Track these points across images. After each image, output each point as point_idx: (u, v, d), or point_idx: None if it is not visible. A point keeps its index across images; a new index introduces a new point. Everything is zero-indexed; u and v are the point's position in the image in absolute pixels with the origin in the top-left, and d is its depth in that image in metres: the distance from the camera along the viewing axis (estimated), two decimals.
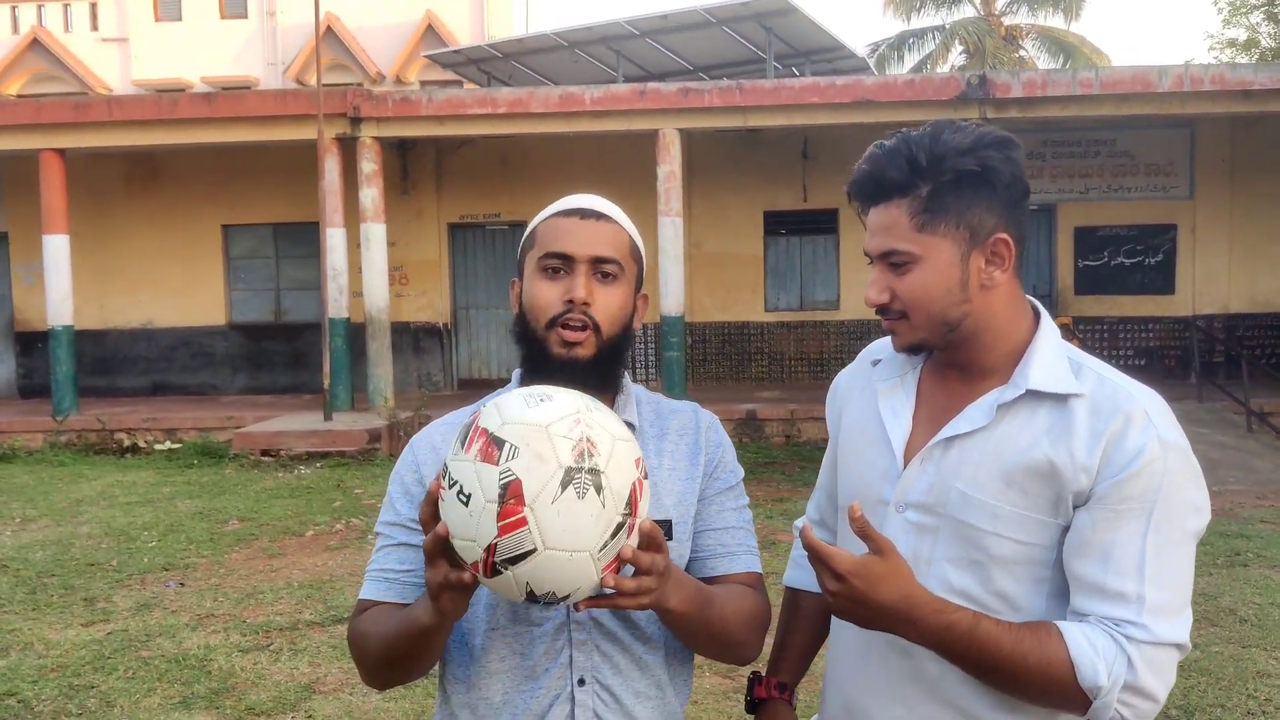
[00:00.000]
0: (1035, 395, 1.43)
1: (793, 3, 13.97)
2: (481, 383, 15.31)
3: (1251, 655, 4.90)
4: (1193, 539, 1.40)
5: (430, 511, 1.28)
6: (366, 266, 12.92)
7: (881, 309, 1.49)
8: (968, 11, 28.58)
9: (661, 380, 12.84)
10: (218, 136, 13.12)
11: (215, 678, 4.83)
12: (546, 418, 1.23)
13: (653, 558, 1.29)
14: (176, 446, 12.11)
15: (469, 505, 1.21)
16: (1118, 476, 1.36)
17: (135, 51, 27.26)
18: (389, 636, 1.45)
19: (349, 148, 13.00)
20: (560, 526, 1.19)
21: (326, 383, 12.49)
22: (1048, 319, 1.51)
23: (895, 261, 1.45)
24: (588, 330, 1.52)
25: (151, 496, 9.46)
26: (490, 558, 1.21)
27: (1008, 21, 28.53)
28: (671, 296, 12.54)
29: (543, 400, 1.26)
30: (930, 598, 1.37)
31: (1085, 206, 14.53)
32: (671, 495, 1.57)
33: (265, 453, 11.41)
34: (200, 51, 26.78)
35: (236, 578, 6.61)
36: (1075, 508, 1.40)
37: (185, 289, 15.62)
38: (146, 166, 15.38)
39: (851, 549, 1.40)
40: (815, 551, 1.36)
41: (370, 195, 12.87)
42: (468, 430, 1.27)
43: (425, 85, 24.34)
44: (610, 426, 1.26)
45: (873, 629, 1.40)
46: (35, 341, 15.51)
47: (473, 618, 1.53)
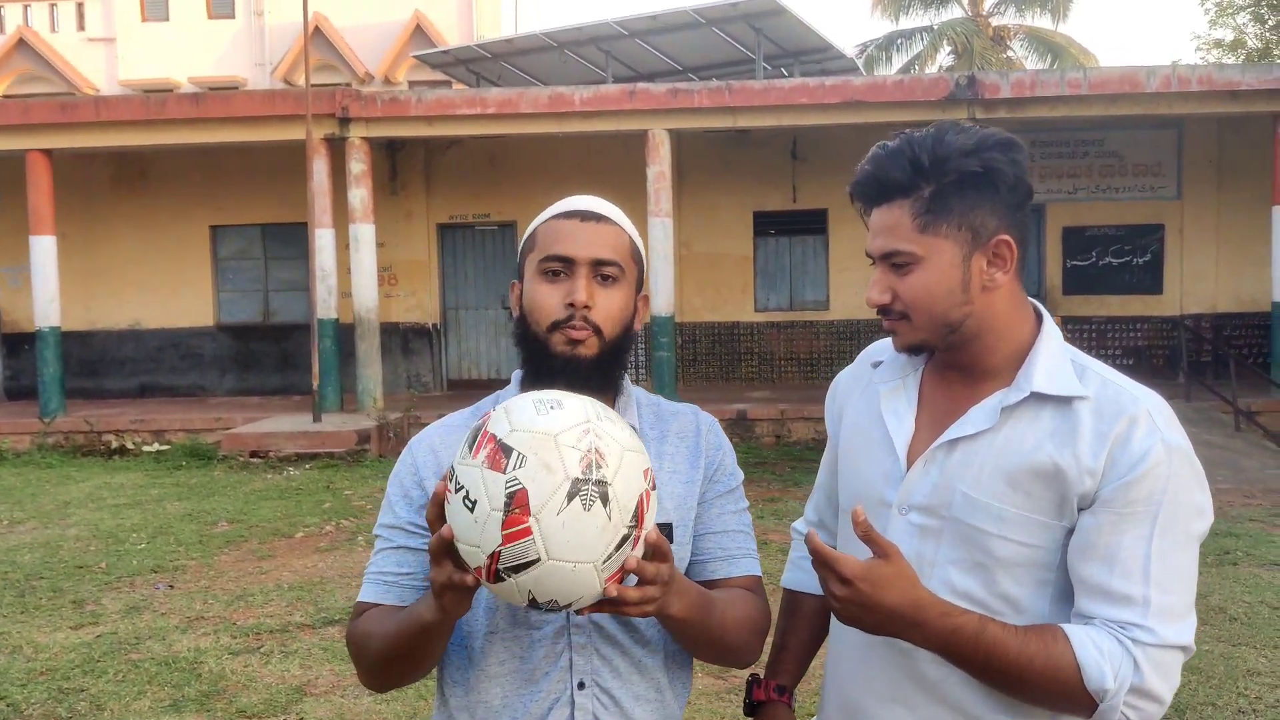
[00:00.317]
0: (1039, 398, 1.43)
1: (782, 3, 14.00)
2: (471, 383, 15.27)
3: (1241, 653, 4.92)
4: (1196, 541, 1.40)
5: (436, 512, 1.28)
6: (355, 267, 12.88)
7: (883, 310, 1.49)
8: (956, 12, 28.65)
9: (652, 380, 12.83)
10: (206, 137, 13.06)
11: (205, 680, 4.81)
12: (555, 426, 1.22)
13: (657, 568, 1.29)
14: (165, 448, 12.04)
15: (474, 511, 1.20)
16: (1123, 479, 1.36)
17: (122, 52, 27.16)
18: (391, 635, 1.45)
19: (338, 148, 12.96)
20: (565, 538, 1.18)
21: (315, 384, 12.43)
22: (1050, 321, 1.52)
23: (897, 262, 1.45)
24: (589, 331, 1.52)
25: (140, 498, 9.41)
26: (493, 565, 1.21)
27: (995, 22, 28.61)
28: (661, 297, 12.54)
29: (553, 407, 1.25)
30: (936, 601, 1.37)
31: (1073, 207, 14.58)
32: (672, 498, 1.57)
33: (254, 454, 11.36)
34: (187, 52, 26.69)
35: (226, 580, 6.58)
36: (1080, 510, 1.39)
37: (173, 290, 15.54)
38: (134, 167, 15.30)
39: (853, 552, 1.39)
40: (820, 556, 1.35)
41: (359, 196, 12.83)
42: (476, 434, 1.26)
43: (414, 85, 24.30)
44: (620, 437, 1.26)
45: (879, 634, 1.39)
46: (22, 343, 15.41)
47: (472, 621, 1.53)
